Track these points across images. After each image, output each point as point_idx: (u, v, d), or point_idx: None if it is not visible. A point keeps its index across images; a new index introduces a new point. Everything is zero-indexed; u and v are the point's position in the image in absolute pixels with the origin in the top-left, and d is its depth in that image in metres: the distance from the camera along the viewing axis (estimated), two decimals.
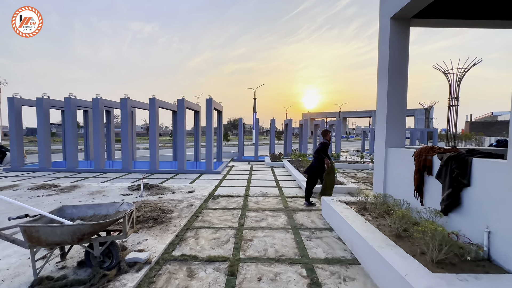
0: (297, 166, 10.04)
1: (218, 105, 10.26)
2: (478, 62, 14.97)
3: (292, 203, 5.23)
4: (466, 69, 15.23)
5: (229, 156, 15.94)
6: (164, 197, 5.37)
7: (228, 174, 8.79)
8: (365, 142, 22.80)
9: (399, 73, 4.09)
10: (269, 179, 7.97)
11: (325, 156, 5.33)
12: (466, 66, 15.05)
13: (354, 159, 12.92)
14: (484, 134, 29.11)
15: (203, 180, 7.68)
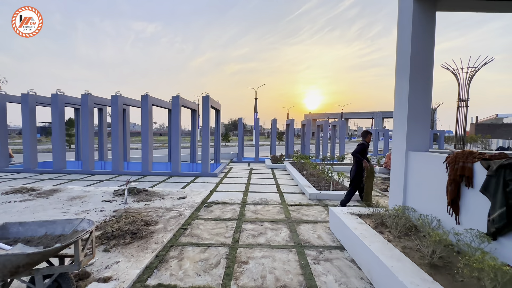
0: (299, 169, 9.43)
1: (216, 103, 9.68)
2: (489, 60, 14.32)
3: (295, 213, 4.62)
4: (477, 68, 14.58)
5: (228, 157, 15.35)
6: (151, 205, 4.77)
7: (226, 177, 8.18)
8: None
9: (423, 65, 3.48)
10: (269, 183, 7.37)
11: (363, 159, 4.99)
12: (477, 65, 14.40)
13: None
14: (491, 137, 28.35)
15: (198, 184, 7.07)
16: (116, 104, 8.05)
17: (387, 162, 9.89)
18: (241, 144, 13.78)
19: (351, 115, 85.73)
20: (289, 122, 14.26)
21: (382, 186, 7.24)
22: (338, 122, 14.57)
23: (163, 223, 3.82)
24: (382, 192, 6.48)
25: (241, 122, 13.78)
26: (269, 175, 8.78)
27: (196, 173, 8.21)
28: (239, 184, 7.05)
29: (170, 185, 6.83)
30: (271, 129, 14.53)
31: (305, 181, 6.96)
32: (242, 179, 7.88)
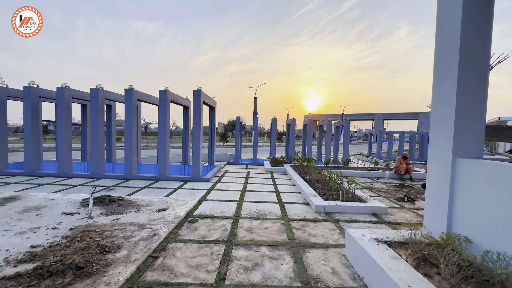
0: (301, 173, 8.52)
1: (211, 100, 8.77)
2: (504, 58, 13.46)
3: (299, 231, 3.71)
4: (491, 66, 13.70)
5: (225, 159, 14.43)
6: (121, 219, 3.85)
7: (219, 182, 7.26)
8: (371, 146, 21.30)
9: (478, 34, 2.58)
10: (268, 189, 6.45)
11: None
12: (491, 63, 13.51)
13: (366, 166, 11.39)
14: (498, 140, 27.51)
15: (186, 190, 6.15)
16: (96, 99, 7.13)
17: (397, 167, 8.99)
18: (239, 145, 12.87)
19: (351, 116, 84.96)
20: (290, 122, 13.37)
21: (397, 195, 6.33)
22: (342, 123, 13.68)
23: (127, 249, 2.90)
24: (399, 203, 5.57)
25: (238, 122, 12.87)
26: (268, 180, 7.86)
27: (186, 177, 7.29)
28: (233, 191, 6.13)
29: (152, 192, 5.90)
30: (271, 129, 13.63)
31: (309, 188, 6.04)
32: (237, 184, 6.96)
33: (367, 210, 4.74)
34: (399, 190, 7.04)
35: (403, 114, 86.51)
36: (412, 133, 19.78)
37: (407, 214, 4.78)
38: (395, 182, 8.36)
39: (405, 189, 7.22)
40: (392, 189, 7.16)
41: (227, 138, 30.32)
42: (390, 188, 7.29)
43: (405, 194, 6.07)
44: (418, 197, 6.27)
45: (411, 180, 8.72)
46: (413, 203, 5.61)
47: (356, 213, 4.71)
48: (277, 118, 13.41)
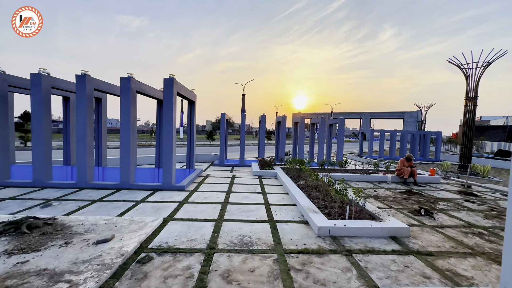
0: (294, 177, 7.38)
1: (188, 92, 7.42)
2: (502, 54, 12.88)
3: (301, 276, 2.52)
4: (488, 62, 13.14)
5: (209, 160, 13.10)
6: (29, 263, 2.51)
7: (197, 190, 5.97)
8: (363, 144, 20.64)
9: None
10: (256, 201, 5.24)
11: None
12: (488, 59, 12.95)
13: (364, 167, 10.42)
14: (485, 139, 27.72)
15: (151, 204, 4.82)
16: (39, 86, 5.62)
17: (400, 169, 8.04)
18: (224, 144, 11.58)
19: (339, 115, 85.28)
20: (280, 120, 12.21)
21: (409, 205, 5.30)
22: (336, 120, 12.68)
23: None
24: (417, 218, 4.52)
25: (224, 118, 11.57)
26: (256, 187, 6.65)
27: (155, 186, 5.94)
28: (212, 205, 4.87)
29: (105, 208, 4.53)
30: (260, 127, 12.42)
31: (307, 200, 4.89)
32: (218, 194, 5.70)
33: (385, 233, 3.63)
34: (408, 198, 6.04)
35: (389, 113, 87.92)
36: (404, 132, 19.23)
37: (434, 236, 3.72)
38: (400, 187, 7.38)
39: (414, 196, 6.23)
40: (400, 197, 6.15)
41: (213, 136, 28.86)
42: (397, 196, 6.28)
43: (421, 206, 5.04)
44: (435, 208, 5.27)
45: (415, 184, 7.79)
46: (432, 217, 4.58)
47: (370, 236, 3.59)
48: (266, 115, 12.22)
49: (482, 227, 4.24)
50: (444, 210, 5.18)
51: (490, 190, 7.38)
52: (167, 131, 5.82)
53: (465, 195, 6.59)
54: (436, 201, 5.83)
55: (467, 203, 5.82)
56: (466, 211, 5.17)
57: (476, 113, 13.98)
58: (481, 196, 6.58)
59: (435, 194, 6.58)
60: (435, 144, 20.16)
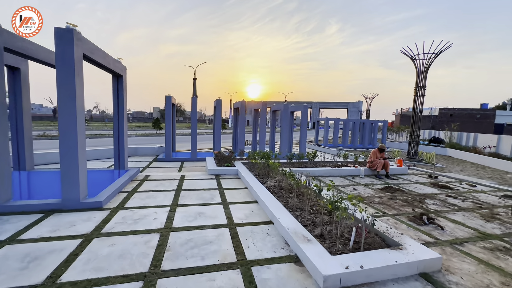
0: (260, 175, 5.92)
1: (109, 60, 5.08)
2: (447, 48, 13.50)
3: None
4: (436, 54, 13.70)
5: (152, 153, 10.71)
6: None
7: (123, 207, 3.95)
8: (318, 132, 20.61)
9: None
10: (215, 221, 3.56)
11: None
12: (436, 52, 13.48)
13: (333, 159, 9.61)
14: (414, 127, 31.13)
15: (23, 248, 2.73)
16: None
17: (373, 161, 7.35)
18: (171, 134, 9.39)
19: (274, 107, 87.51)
20: (239, 106, 10.52)
21: (403, 209, 4.38)
22: (300, 107, 11.64)
23: None
24: (423, 229, 3.54)
25: (169, 103, 9.32)
26: (213, 194, 4.95)
27: (50, 204, 3.71)
28: (143, 237, 3.02)
29: None
30: (215, 113, 10.52)
31: (287, 214, 3.46)
32: (158, 211, 3.83)
33: (413, 269, 2.44)
34: (394, 197, 5.20)
35: (335, 103, 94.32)
36: (346, 120, 19.76)
37: (467, 264, 2.71)
38: (376, 182, 6.64)
39: (398, 194, 5.45)
40: (384, 196, 5.28)
41: (160, 125, 25.43)
42: (381, 194, 5.40)
43: (423, 213, 4.12)
44: (427, 209, 4.47)
45: (388, 177, 7.20)
46: (439, 226, 3.68)
47: (395, 277, 2.36)
48: (222, 100, 10.37)
49: (496, 236, 3.49)
50: (439, 212, 4.42)
51: (455, 180, 7.24)
52: (63, 113, 3.58)
53: (441, 188, 6.16)
54: (423, 199, 5.11)
55: (451, 199, 5.27)
56: (459, 211, 4.51)
57: (424, 103, 14.52)
58: (455, 188, 6.24)
59: (414, 189, 5.97)
60: (382, 132, 21.30)
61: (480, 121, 36.55)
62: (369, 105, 36.59)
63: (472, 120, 36.43)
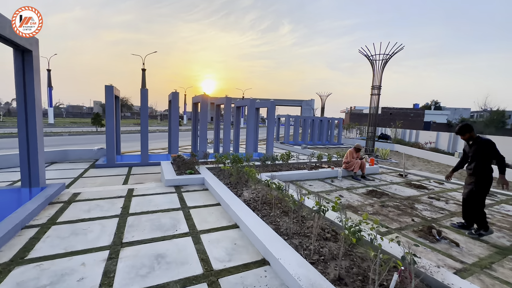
0: (234, 185, 4.82)
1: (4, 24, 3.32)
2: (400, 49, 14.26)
3: None
4: (389, 55, 14.41)
5: (89, 157, 8.56)
6: None
7: (22, 261, 2.43)
8: (279, 130, 20.37)
9: None
10: (182, 273, 2.34)
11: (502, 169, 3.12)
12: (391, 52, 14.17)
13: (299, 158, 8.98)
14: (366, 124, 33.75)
15: None
16: None
17: (349, 162, 6.93)
18: (113, 132, 7.50)
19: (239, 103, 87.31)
20: (200, 100, 9.11)
21: (402, 220, 3.84)
22: (266, 104, 10.80)
23: None
24: (439, 249, 2.98)
25: (110, 92, 7.41)
26: (175, 215, 3.65)
27: None
28: None
29: None
30: (170, 107, 8.90)
31: (289, 249, 2.49)
32: (86, 259, 2.44)
33: None
34: (383, 203, 4.70)
35: (290, 101, 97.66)
36: (296, 117, 20.05)
37: None
38: (357, 185, 6.18)
39: (386, 199, 5.01)
40: (374, 202, 4.75)
41: (102, 120, 21.78)
42: (369, 200, 4.86)
43: (431, 226, 3.61)
44: (422, 216, 4.04)
45: (364, 177, 6.86)
46: (454, 243, 3.18)
47: None
48: (179, 92, 8.81)
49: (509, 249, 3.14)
50: (436, 219, 4.03)
51: (422, 178, 7.33)
52: None
53: (418, 189, 6.02)
54: (412, 204, 4.74)
55: (435, 201, 5.05)
56: (452, 216, 4.22)
57: (380, 102, 15.14)
58: (429, 187, 6.17)
59: (396, 192, 5.66)
60: (338, 129, 22.12)
61: (413, 119, 41.79)
62: (323, 103, 38.29)
63: (407, 118, 41.36)
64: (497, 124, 37.81)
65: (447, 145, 15.77)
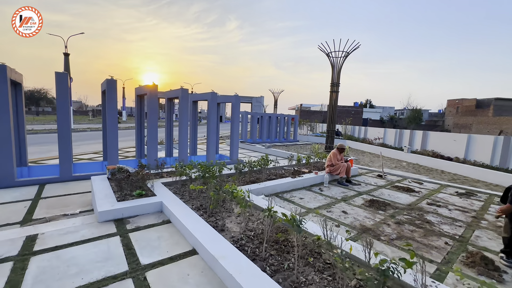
0: (204, 207, 3.33)
1: None
2: (357, 47, 14.49)
3: None
4: (347, 53, 14.55)
5: None
6: None
7: None
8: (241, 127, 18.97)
9: None
10: None
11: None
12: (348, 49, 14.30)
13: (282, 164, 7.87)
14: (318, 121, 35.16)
15: None
16: None
17: (334, 165, 6.10)
18: (9, 133, 4.97)
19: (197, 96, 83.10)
20: (146, 92, 7.04)
21: (430, 242, 3.04)
22: (230, 98, 9.29)
23: None
24: None
25: (3, 74, 4.85)
26: None
27: None
28: None
29: None
30: (105, 99, 6.62)
31: None
32: None
33: None
34: (393, 217, 3.91)
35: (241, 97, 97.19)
36: (254, 113, 19.38)
37: None
38: (346, 191, 5.35)
39: (389, 210, 4.25)
40: (384, 217, 3.91)
41: None
42: (380, 217, 4.01)
43: (483, 255, 2.83)
44: (457, 238, 3.34)
45: (350, 181, 6.14)
46: None
47: None
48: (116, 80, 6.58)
49: None
50: (464, 238, 3.38)
51: (399, 177, 7.08)
52: None
53: (407, 192, 5.55)
54: (421, 215, 4.09)
55: (438, 209, 4.55)
56: (464, 226, 3.67)
57: (338, 99, 15.18)
58: (415, 189, 5.80)
59: (390, 198, 5.03)
60: (294, 126, 22.01)
61: (354, 116, 45.83)
62: (276, 99, 38.45)
63: (349, 115, 45.15)
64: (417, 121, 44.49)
65: (394, 141, 17.04)
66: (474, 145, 11.18)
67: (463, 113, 40.99)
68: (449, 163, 10.05)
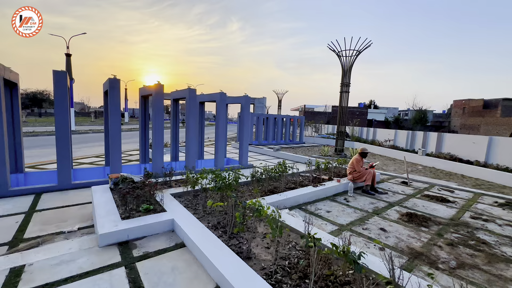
0: (223, 226, 2.78)
1: None
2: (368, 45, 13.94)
3: None
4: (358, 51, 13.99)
5: None
6: None
7: None
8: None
9: None
10: None
11: None
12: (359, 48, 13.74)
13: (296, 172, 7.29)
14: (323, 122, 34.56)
15: None
16: None
17: (358, 172, 5.54)
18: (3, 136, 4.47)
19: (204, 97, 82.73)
20: (152, 92, 6.52)
21: (496, 271, 2.49)
22: (240, 100, 8.77)
23: None
24: None
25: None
26: None
27: None
28: None
29: None
30: (106, 100, 6.12)
31: None
32: None
33: None
34: (440, 236, 3.35)
35: None
36: (260, 114, 18.85)
37: None
38: (375, 202, 4.79)
39: (432, 226, 3.69)
40: (431, 236, 3.36)
41: None
42: (425, 235, 3.45)
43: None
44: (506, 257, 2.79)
45: (375, 190, 5.56)
46: None
47: None
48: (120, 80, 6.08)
49: None
50: None
51: (426, 184, 6.51)
52: None
53: (441, 203, 4.99)
54: (471, 233, 3.53)
55: (486, 224, 3.98)
56: None
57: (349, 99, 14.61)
58: (450, 199, 5.23)
59: (429, 211, 4.47)
60: (300, 128, 21.43)
61: (359, 117, 45.16)
62: (280, 100, 37.92)
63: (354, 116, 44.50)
64: (423, 122, 43.73)
65: (405, 143, 16.41)
66: (497, 148, 10.57)
67: (470, 113, 40.18)
68: (470, 167, 9.47)
